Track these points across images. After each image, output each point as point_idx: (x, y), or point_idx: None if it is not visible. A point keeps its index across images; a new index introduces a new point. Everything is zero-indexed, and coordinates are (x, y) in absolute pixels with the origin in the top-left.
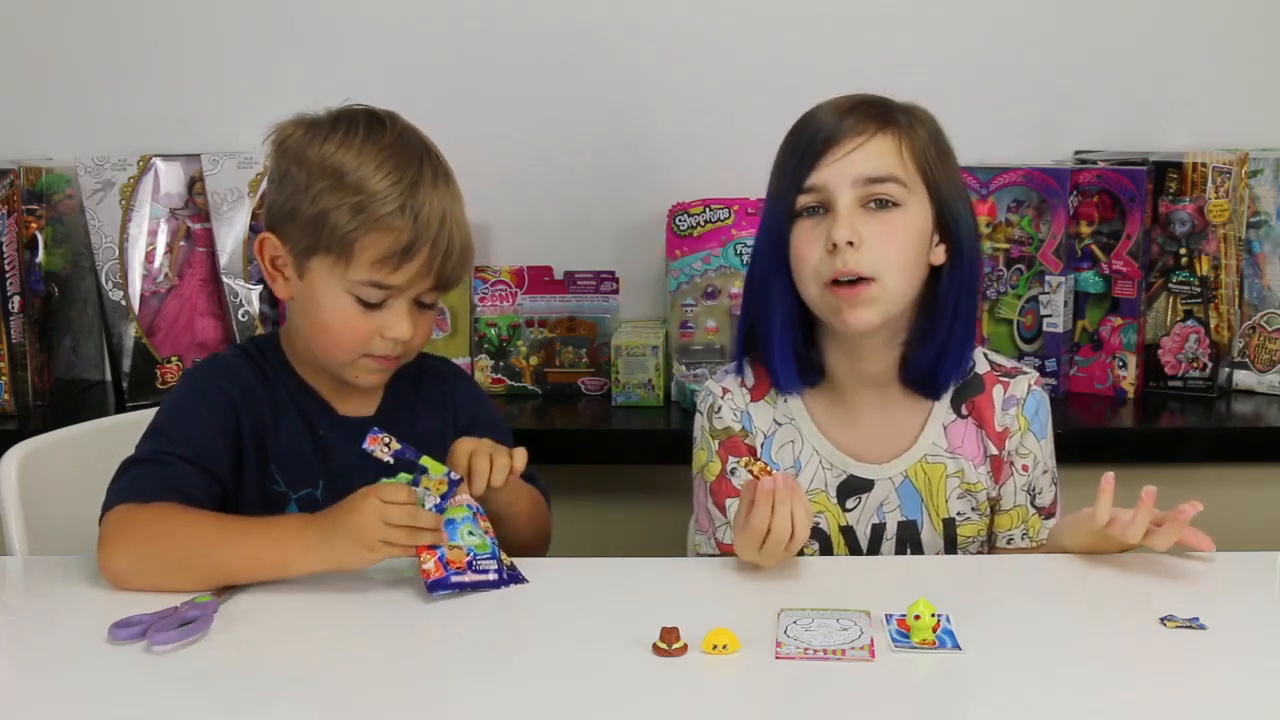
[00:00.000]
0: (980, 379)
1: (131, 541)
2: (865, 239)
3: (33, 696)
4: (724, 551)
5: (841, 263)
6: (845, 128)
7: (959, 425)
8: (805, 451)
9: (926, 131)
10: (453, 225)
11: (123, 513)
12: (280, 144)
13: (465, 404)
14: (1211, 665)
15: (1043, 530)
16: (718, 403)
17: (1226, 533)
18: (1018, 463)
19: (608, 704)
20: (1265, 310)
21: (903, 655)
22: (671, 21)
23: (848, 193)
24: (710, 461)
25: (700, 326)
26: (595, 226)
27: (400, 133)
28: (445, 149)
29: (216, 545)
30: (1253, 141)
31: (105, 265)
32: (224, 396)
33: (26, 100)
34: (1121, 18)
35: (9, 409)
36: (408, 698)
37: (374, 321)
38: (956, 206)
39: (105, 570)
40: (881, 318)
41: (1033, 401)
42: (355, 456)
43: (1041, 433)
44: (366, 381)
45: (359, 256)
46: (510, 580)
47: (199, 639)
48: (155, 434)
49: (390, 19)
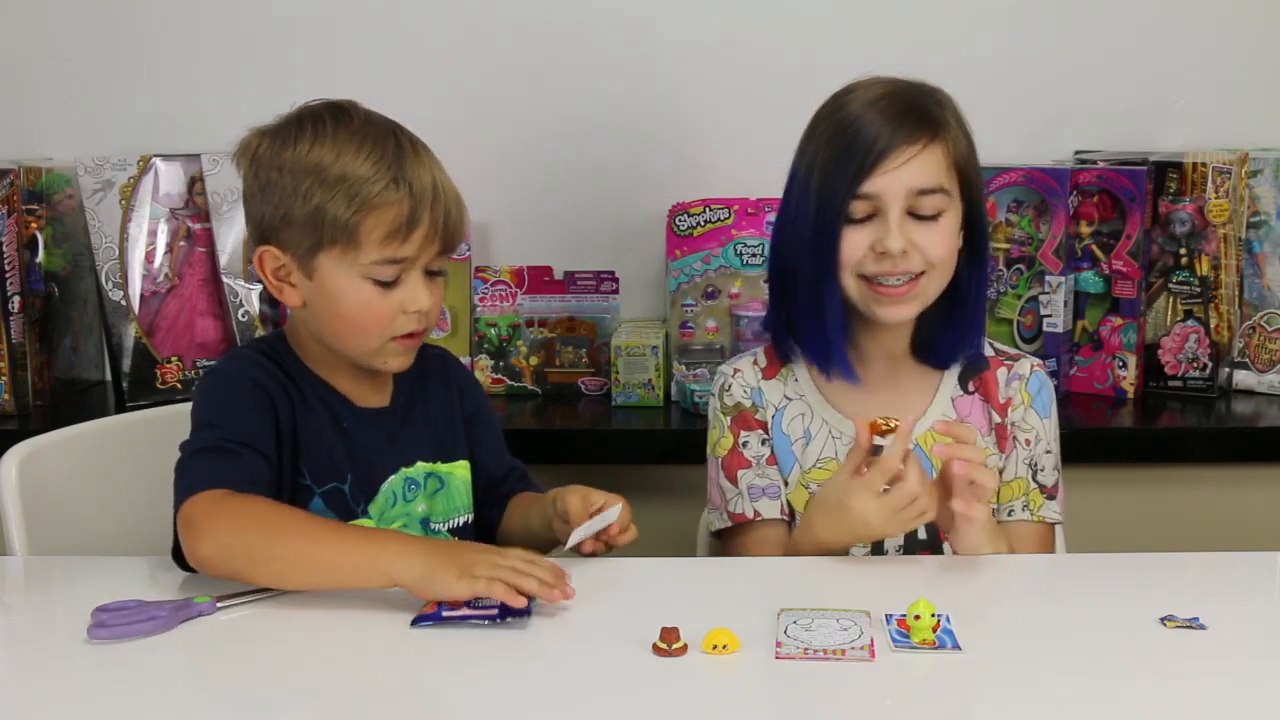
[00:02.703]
0: (984, 359)
1: (222, 529)
2: (915, 243)
3: (33, 696)
4: (736, 523)
5: (891, 265)
6: (900, 139)
7: (965, 399)
8: (815, 423)
9: (961, 129)
10: (443, 183)
11: (210, 499)
12: (252, 157)
13: (468, 393)
14: (1211, 665)
15: (1045, 508)
16: (728, 381)
17: (1226, 533)
18: (1020, 436)
19: (608, 704)
20: (1265, 310)
21: (903, 655)
22: (672, 22)
23: (900, 203)
24: (723, 438)
25: (700, 326)
26: (595, 226)
27: (366, 116)
28: (445, 149)
29: (307, 541)
30: (1253, 141)
31: (105, 265)
32: (259, 388)
33: (26, 100)
34: (1121, 18)
35: (9, 409)
36: (407, 697)
37: (394, 299)
38: (981, 203)
39: (191, 557)
40: (917, 311)
41: (1036, 380)
42: (377, 447)
43: (1044, 411)
44: (396, 365)
45: (366, 239)
46: (509, 615)
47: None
48: (207, 427)
49: (391, 19)
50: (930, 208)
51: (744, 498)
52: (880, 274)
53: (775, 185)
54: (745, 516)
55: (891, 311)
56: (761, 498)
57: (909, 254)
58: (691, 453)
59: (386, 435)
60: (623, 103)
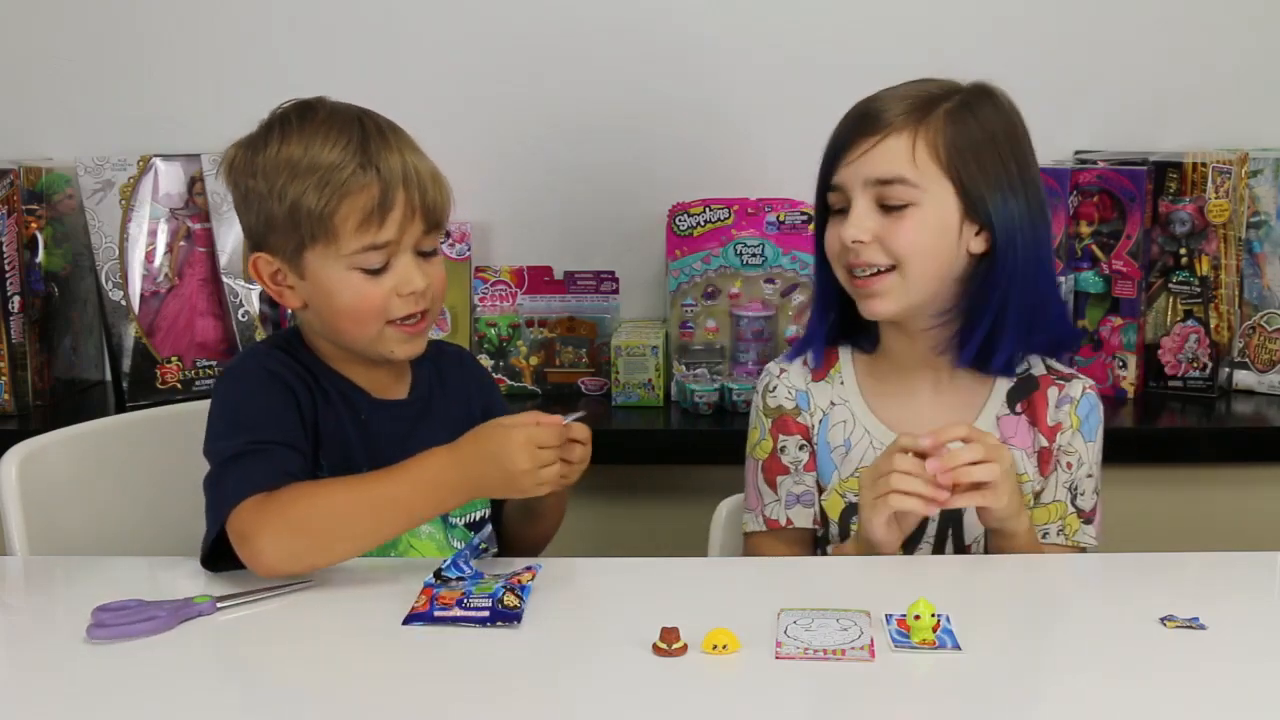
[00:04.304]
0: (1035, 380)
1: (276, 531)
2: (879, 235)
3: (33, 696)
4: (771, 528)
5: (855, 256)
6: (859, 129)
7: (1012, 420)
8: (856, 432)
9: (959, 125)
10: (415, 163)
11: (253, 507)
12: (230, 169)
13: (483, 391)
14: (1211, 665)
15: (1080, 533)
16: (773, 382)
17: (1226, 533)
18: (1064, 460)
19: (608, 704)
20: (1265, 310)
21: (903, 655)
22: (672, 22)
23: (862, 193)
24: (763, 440)
25: (700, 326)
26: (595, 226)
27: (331, 108)
28: (445, 149)
29: (366, 508)
30: (1253, 141)
31: (105, 265)
32: (279, 380)
33: (26, 100)
34: (1122, 17)
35: (9, 409)
36: (408, 697)
37: (385, 284)
38: (994, 196)
39: (259, 567)
40: (900, 306)
41: (1086, 403)
42: (397, 440)
43: (1090, 435)
44: (403, 352)
45: (342, 229)
46: (499, 618)
47: (140, 639)
48: (234, 429)
49: (391, 20)
50: (896, 198)
51: (780, 504)
52: (850, 266)
53: (775, 185)
54: (779, 523)
55: (867, 305)
56: (796, 505)
57: (871, 246)
58: (692, 453)
59: (405, 427)
60: (623, 103)
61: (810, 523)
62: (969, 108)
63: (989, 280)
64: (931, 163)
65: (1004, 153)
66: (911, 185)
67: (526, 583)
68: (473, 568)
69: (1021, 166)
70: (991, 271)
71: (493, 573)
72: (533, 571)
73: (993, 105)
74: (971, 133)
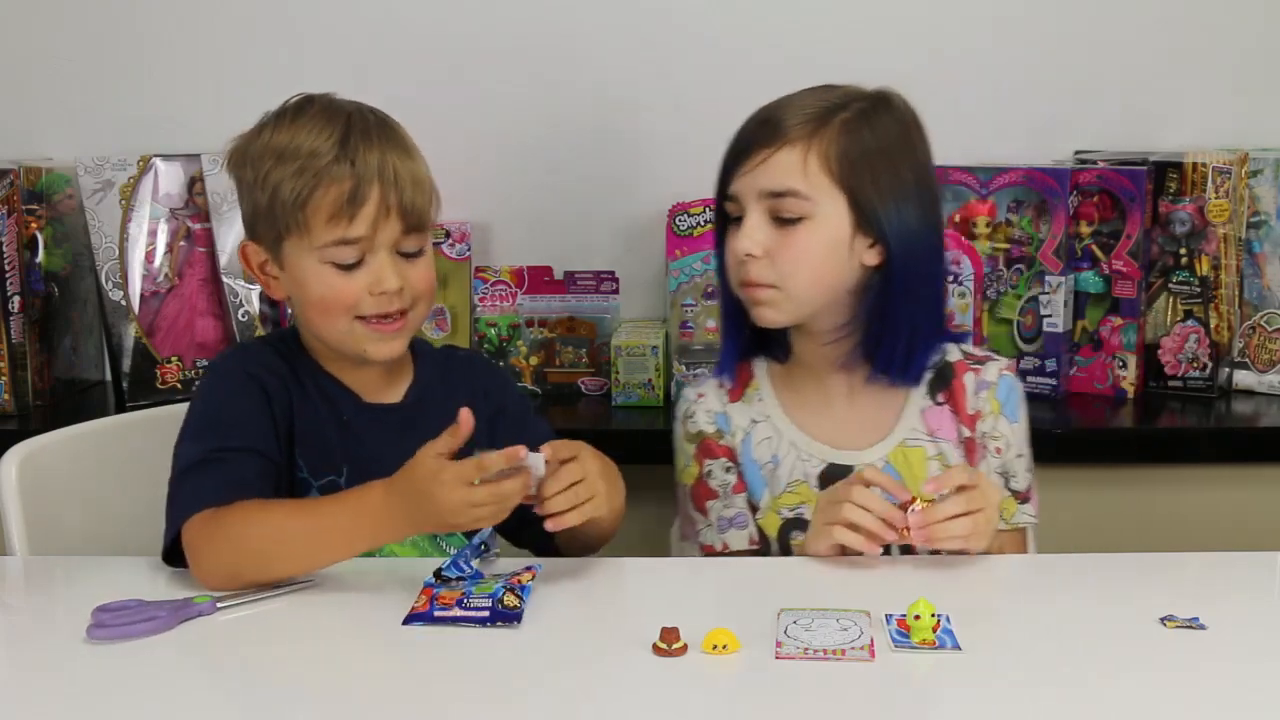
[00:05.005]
0: (952, 366)
1: (219, 550)
2: (770, 250)
3: (33, 696)
4: (707, 553)
5: (745, 272)
6: (756, 138)
7: (935, 411)
8: (782, 446)
9: (853, 136)
10: (396, 162)
11: (200, 523)
12: (229, 159)
13: (494, 392)
14: (1211, 665)
15: (1018, 514)
16: (691, 407)
17: (1226, 533)
18: (990, 445)
19: (608, 704)
20: (1265, 310)
21: (903, 655)
22: (672, 22)
23: (756, 204)
24: (688, 466)
25: (700, 326)
26: (595, 226)
27: (328, 102)
28: (445, 149)
29: (304, 534)
30: (1253, 141)
31: (105, 265)
32: (254, 381)
33: (26, 100)
34: (1121, 18)
35: (9, 409)
36: (408, 697)
37: (358, 280)
38: (886, 208)
39: (201, 580)
40: (788, 317)
41: (1004, 385)
42: (382, 444)
43: (1014, 416)
44: (378, 352)
45: (313, 220)
46: (499, 618)
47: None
48: (201, 432)
49: (390, 19)
50: (788, 211)
51: (713, 529)
52: (741, 279)
53: None
54: (714, 549)
55: (756, 313)
56: (730, 529)
57: (761, 261)
58: None
59: (395, 432)
60: (623, 102)
61: (747, 544)
62: (865, 117)
63: (885, 292)
64: (824, 175)
65: (898, 162)
66: (804, 198)
67: (526, 583)
68: (473, 567)
69: (918, 175)
70: (888, 284)
71: (493, 573)
72: (533, 571)
73: (889, 113)
74: (865, 143)
